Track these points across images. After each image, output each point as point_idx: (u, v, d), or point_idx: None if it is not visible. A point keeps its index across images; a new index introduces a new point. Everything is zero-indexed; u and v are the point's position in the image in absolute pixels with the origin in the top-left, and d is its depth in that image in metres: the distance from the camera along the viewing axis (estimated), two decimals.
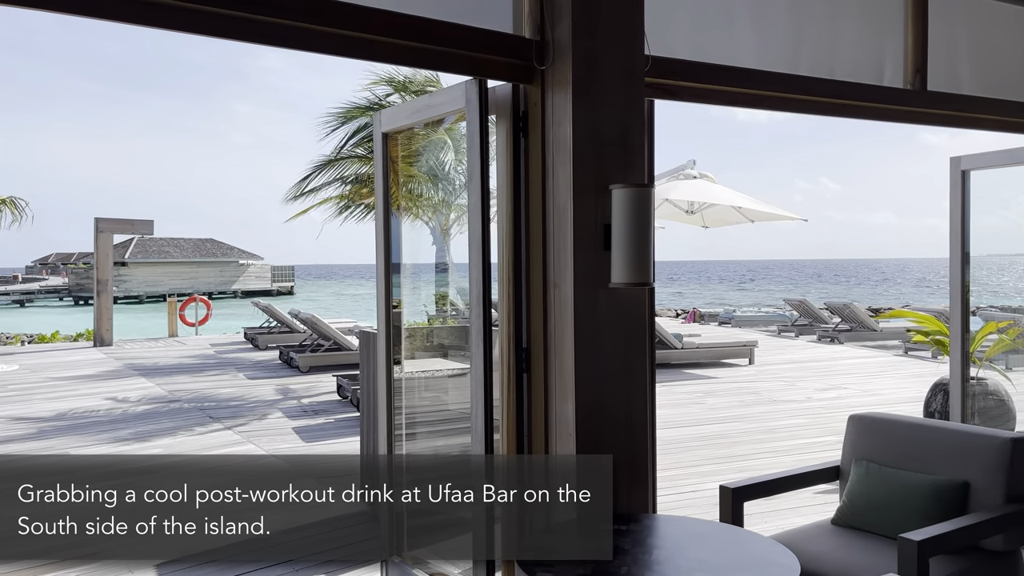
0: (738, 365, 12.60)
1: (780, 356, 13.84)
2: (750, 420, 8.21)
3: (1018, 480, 3.13)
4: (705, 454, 6.82)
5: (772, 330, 19.27)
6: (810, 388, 10.30)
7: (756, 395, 9.78)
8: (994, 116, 4.73)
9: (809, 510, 4.93)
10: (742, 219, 14.99)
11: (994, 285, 14.92)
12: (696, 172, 13.34)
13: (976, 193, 6.68)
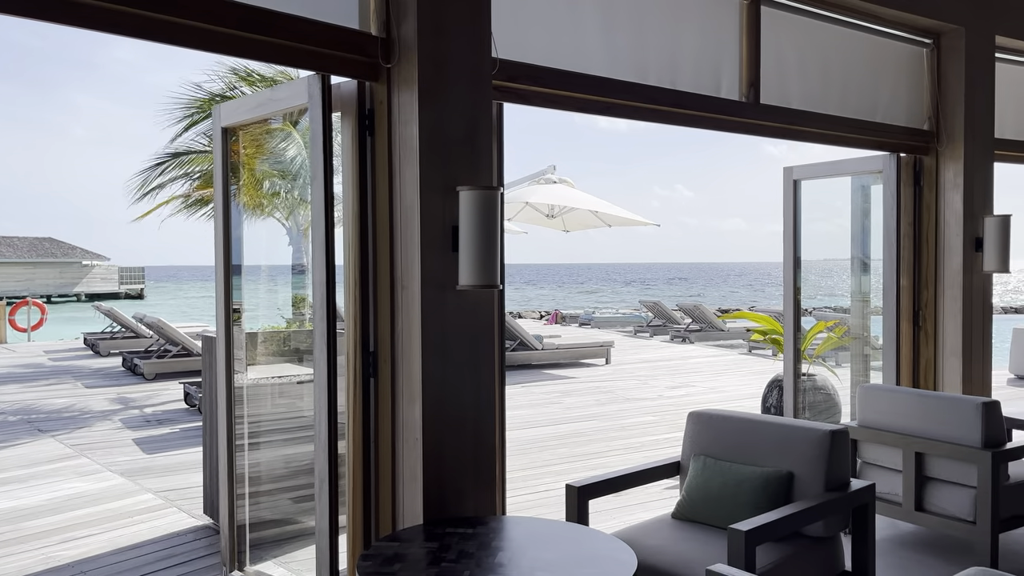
0: (595, 365, 12.95)
1: (635, 356, 14.34)
2: (604, 418, 8.44)
3: (836, 470, 3.36)
4: (560, 453, 6.94)
5: (629, 331, 19.97)
6: (661, 386, 10.73)
7: (611, 394, 10.08)
8: (820, 129, 5.08)
9: (657, 505, 5.12)
10: (600, 223, 15.45)
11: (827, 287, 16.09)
12: (556, 177, 13.61)
13: (810, 200, 7.14)
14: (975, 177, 5.52)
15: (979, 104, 5.54)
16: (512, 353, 12.38)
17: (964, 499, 4.11)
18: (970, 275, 5.52)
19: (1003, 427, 4.14)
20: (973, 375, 5.56)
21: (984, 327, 5.62)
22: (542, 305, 43.01)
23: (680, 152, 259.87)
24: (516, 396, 9.97)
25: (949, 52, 5.52)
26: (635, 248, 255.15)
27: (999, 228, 5.44)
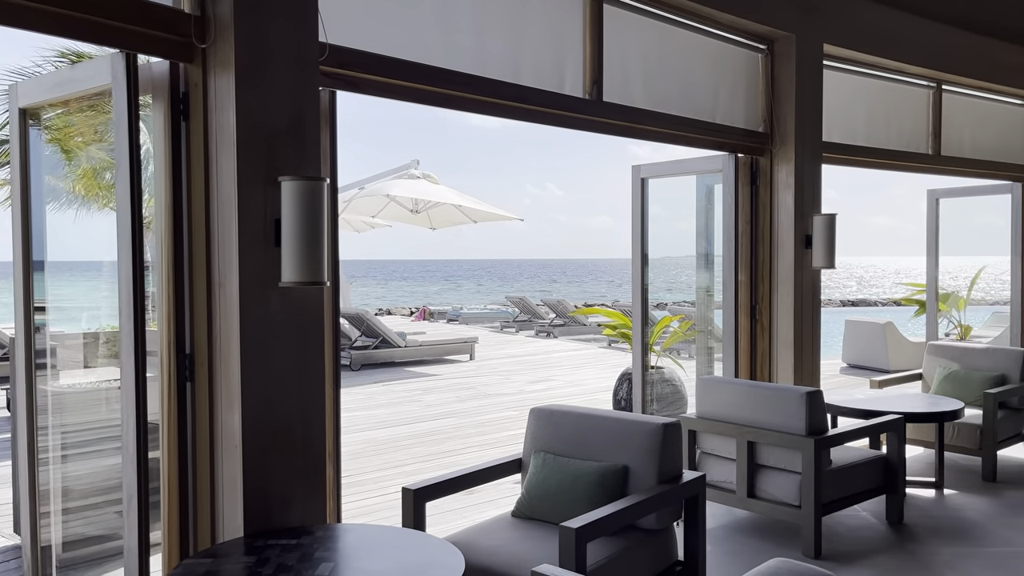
0: (460, 361, 12.90)
1: (499, 351, 14.40)
2: (464, 415, 8.39)
3: (668, 462, 3.42)
4: (416, 452, 6.82)
5: (496, 326, 20.07)
6: (523, 381, 10.80)
7: (473, 390, 10.05)
8: (662, 129, 5.19)
9: (507, 502, 5.09)
10: (466, 219, 15.40)
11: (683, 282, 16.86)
12: (419, 172, 13.44)
13: (667, 198, 7.31)
14: (805, 177, 5.82)
15: (808, 108, 5.84)
16: (374, 351, 12.13)
17: (791, 485, 4.31)
18: (801, 271, 5.82)
19: (825, 415, 4.37)
20: (804, 365, 5.87)
21: (814, 320, 5.93)
22: (413, 301, 42.65)
23: (551, 152, 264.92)
24: (376, 395, 9.77)
25: (781, 58, 5.79)
26: (507, 245, 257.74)
27: (826, 226, 5.76)
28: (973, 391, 5.98)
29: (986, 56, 7.15)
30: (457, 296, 53.15)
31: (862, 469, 4.59)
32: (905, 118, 7.00)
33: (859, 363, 11.66)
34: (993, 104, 7.71)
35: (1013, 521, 4.72)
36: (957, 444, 5.70)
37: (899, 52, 6.47)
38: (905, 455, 4.95)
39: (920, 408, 5.26)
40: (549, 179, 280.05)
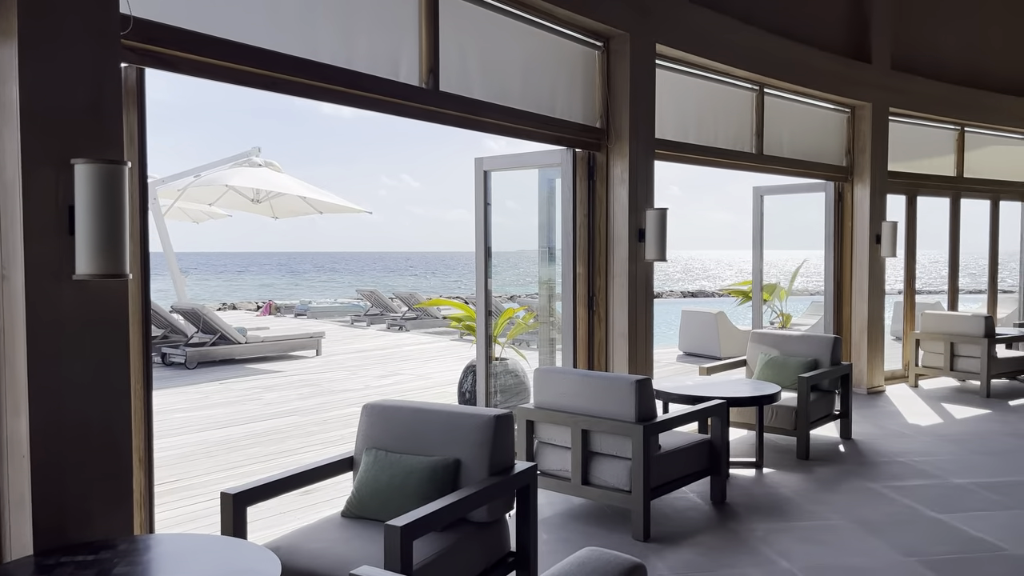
0: (305, 357, 12.50)
1: (348, 346, 14.08)
2: (306, 413, 8.11)
3: (500, 454, 3.41)
4: (253, 453, 6.52)
5: (346, 320, 19.63)
6: (371, 376, 10.60)
7: (317, 387, 9.75)
8: (501, 121, 5.20)
9: (342, 503, 4.94)
10: (311, 210, 14.93)
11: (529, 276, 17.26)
12: (261, 160, 12.88)
13: (515, 192, 7.36)
14: (639, 173, 6.01)
15: (642, 106, 6.03)
16: (212, 348, 11.53)
17: (623, 470, 4.44)
18: (635, 263, 6.02)
19: (654, 402, 4.52)
20: (638, 354, 6.08)
21: (647, 311, 6.16)
22: (259, 295, 41.01)
23: (406, 143, 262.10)
24: (212, 394, 9.27)
25: (617, 56, 5.95)
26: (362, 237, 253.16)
27: (657, 220, 5.99)
28: (790, 375, 6.41)
29: (803, 62, 7.68)
30: (306, 290, 51.65)
31: (689, 453, 4.80)
32: (732, 118, 7.40)
33: (694, 351, 12.28)
34: (809, 108, 8.29)
35: (822, 496, 5.09)
36: (776, 425, 6.09)
37: (726, 55, 6.82)
38: (728, 438, 5.23)
39: (742, 393, 5.57)
40: (405, 171, 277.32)
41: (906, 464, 5.80)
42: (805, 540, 4.31)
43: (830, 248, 8.78)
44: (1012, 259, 11.18)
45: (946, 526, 4.51)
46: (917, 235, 9.47)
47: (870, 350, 8.61)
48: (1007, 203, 10.47)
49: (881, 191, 8.65)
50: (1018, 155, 10.52)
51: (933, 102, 9.08)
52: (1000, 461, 5.87)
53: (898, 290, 10.15)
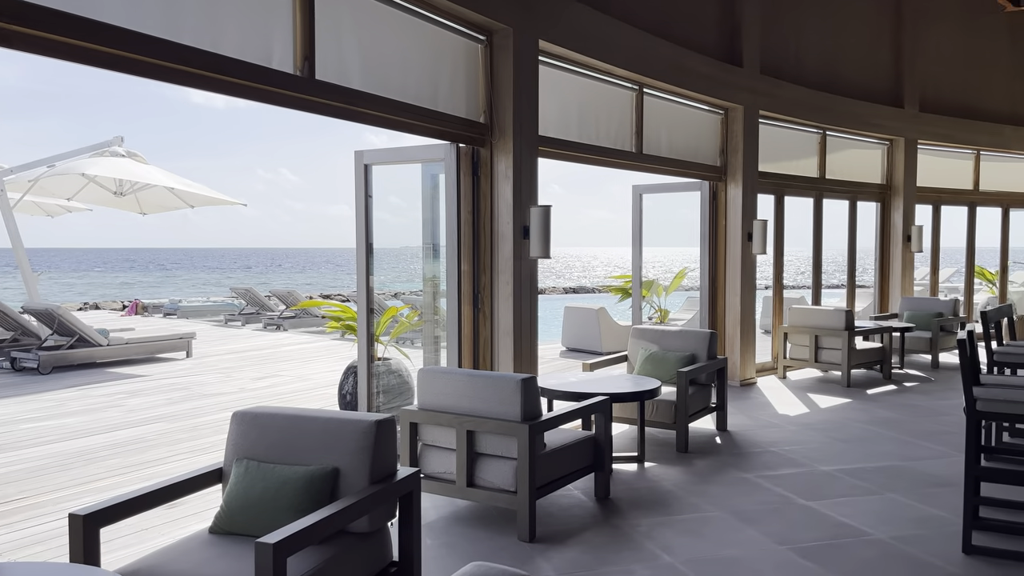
0: (175, 359, 11.82)
1: (221, 347, 13.44)
2: (174, 419, 7.64)
3: (381, 461, 3.26)
4: (113, 464, 6.05)
5: (219, 320, 18.76)
6: (246, 378, 10.13)
7: (187, 391, 9.21)
8: (381, 113, 5.02)
9: (212, 516, 4.65)
10: (180, 203, 14.15)
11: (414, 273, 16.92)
12: (123, 150, 12.08)
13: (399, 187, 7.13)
14: (523, 169, 5.97)
15: (526, 102, 5.99)
16: (69, 351, 10.70)
17: (508, 471, 4.37)
18: (519, 260, 5.97)
19: (539, 400, 4.48)
20: (523, 352, 6.04)
21: (531, 308, 6.13)
22: (125, 295, 38.69)
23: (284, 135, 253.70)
24: (69, 401, 8.59)
25: (500, 50, 5.88)
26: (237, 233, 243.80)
27: (542, 217, 5.97)
28: (669, 370, 6.55)
29: (680, 64, 7.87)
30: (176, 288, 49.14)
31: (574, 450, 4.79)
32: (613, 117, 7.49)
33: (577, 346, 12.44)
34: (685, 109, 8.52)
35: (701, 488, 5.20)
36: (656, 420, 6.20)
37: (607, 54, 6.88)
38: (612, 433, 5.27)
39: (624, 389, 5.63)
40: (283, 164, 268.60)
41: (777, 454, 6.04)
42: (686, 533, 4.38)
43: (705, 245, 9.07)
44: (868, 256, 11.92)
45: (815, 513, 4.70)
46: (785, 233, 9.93)
47: (743, 344, 8.95)
48: (863, 203, 11.15)
49: (752, 190, 9.00)
50: (872, 158, 11.22)
51: (798, 106, 9.53)
52: (861, 448, 6.20)
53: (766, 285, 10.62)
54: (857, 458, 5.90)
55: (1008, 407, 3.97)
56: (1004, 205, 12.81)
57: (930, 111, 11.40)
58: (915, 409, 7.64)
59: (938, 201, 12.01)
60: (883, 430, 6.78)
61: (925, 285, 12.90)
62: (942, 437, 6.51)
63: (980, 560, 3.97)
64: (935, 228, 12.09)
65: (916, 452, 6.06)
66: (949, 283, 19.49)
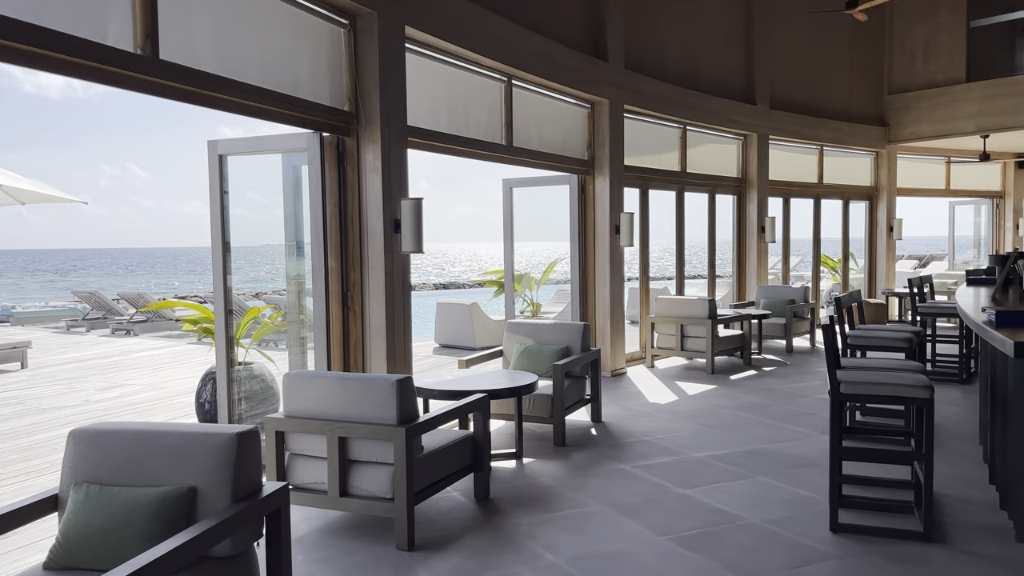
0: (8, 371, 10.73)
1: (62, 355, 12.34)
2: (5, 438, 6.87)
3: (244, 477, 2.97)
4: None
5: (60, 326, 17.29)
6: (91, 389, 9.31)
7: (21, 405, 8.35)
8: (235, 98, 4.66)
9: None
10: (11, 200, 12.86)
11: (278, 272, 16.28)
12: None
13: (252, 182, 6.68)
14: (392, 160, 5.73)
15: (393, 90, 5.76)
16: None
17: (384, 477, 4.15)
18: (391, 256, 5.74)
19: (415, 402, 4.28)
20: (397, 351, 5.82)
21: (405, 305, 5.91)
22: None
23: (129, 128, 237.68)
24: None
25: (365, 35, 5.61)
26: (79, 233, 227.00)
27: (413, 210, 5.75)
28: (544, 363, 6.50)
29: (548, 57, 7.84)
30: (9, 293, 45.09)
31: (452, 451, 4.62)
32: (482, 109, 7.36)
33: (450, 343, 12.28)
34: (554, 102, 8.52)
35: (580, 482, 5.17)
36: (533, 414, 6.13)
37: (476, 44, 6.74)
38: (490, 431, 5.14)
39: (502, 384, 5.52)
40: (130, 158, 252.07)
41: (651, 443, 6.11)
42: (568, 529, 4.32)
43: (575, 239, 9.13)
44: (726, 247, 12.42)
45: (692, 501, 4.76)
46: (650, 225, 10.16)
47: (613, 334, 9.07)
48: (721, 196, 11.60)
49: (619, 184, 9.13)
50: (729, 153, 11.70)
51: (660, 101, 9.76)
52: (729, 433, 6.39)
53: (633, 277, 10.84)
54: (727, 443, 6.06)
55: (868, 388, 4.14)
56: (844, 198, 13.70)
57: (779, 108, 12.00)
58: (775, 393, 7.98)
59: (788, 194, 12.68)
60: (748, 414, 7.03)
61: (777, 273, 13.61)
62: (802, 419, 6.82)
63: (847, 537, 4.12)
64: (785, 219, 12.76)
65: (780, 435, 6.30)
66: (797, 271, 20.75)
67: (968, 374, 8.46)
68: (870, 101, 13.54)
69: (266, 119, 4.96)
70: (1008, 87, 12.24)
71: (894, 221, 13.91)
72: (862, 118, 13.40)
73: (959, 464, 5.39)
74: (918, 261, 26.99)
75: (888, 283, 14.01)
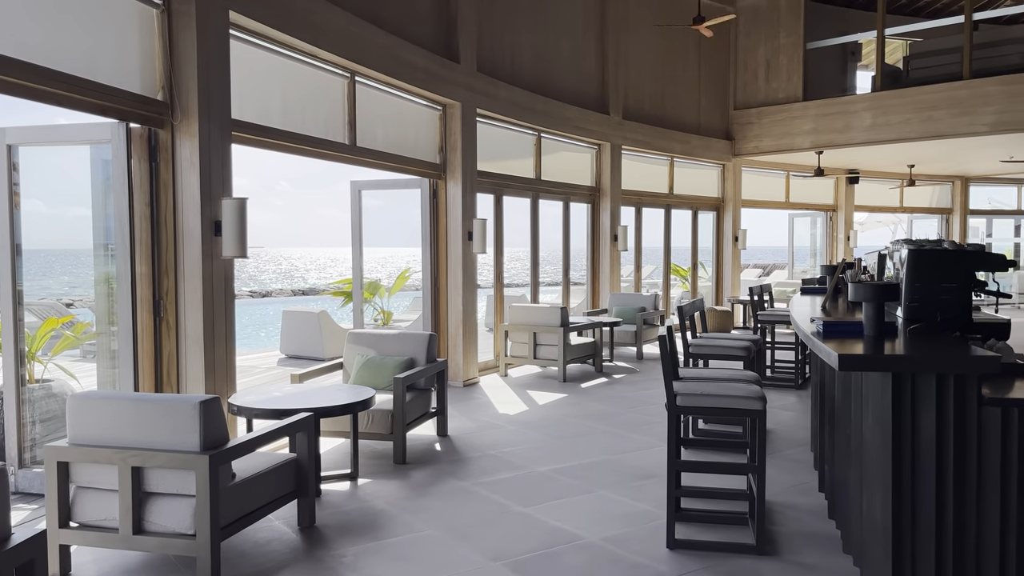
0: None
1: None
2: None
3: None
4: None
5: None
6: None
7: None
8: (15, 79, 4.05)
9: None
10: None
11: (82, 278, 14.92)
12: None
13: (47, 178, 5.97)
14: (213, 157, 5.23)
15: (216, 80, 5.26)
16: None
17: (185, 511, 3.68)
18: (211, 261, 5.23)
19: (224, 425, 3.84)
20: (217, 365, 5.30)
21: (227, 315, 5.40)
22: None
23: None
24: None
25: (181, 18, 5.08)
26: None
27: (236, 211, 5.27)
28: (387, 376, 6.15)
29: (395, 54, 7.50)
30: None
31: (271, 476, 4.20)
32: (322, 106, 6.93)
33: (297, 354, 11.66)
34: (404, 102, 8.19)
35: (417, 503, 4.86)
36: (372, 431, 5.77)
37: (312, 35, 6.31)
38: (319, 452, 4.75)
39: (335, 401, 5.12)
40: None
41: (496, 457, 5.89)
42: (396, 559, 4.00)
43: (427, 245, 8.83)
44: (581, 255, 12.49)
45: (531, 520, 4.55)
46: (504, 232, 10.01)
47: (465, 343, 8.83)
48: (576, 204, 11.64)
49: (472, 189, 8.91)
50: (583, 161, 11.76)
51: (514, 107, 9.63)
52: (576, 444, 6.27)
53: (488, 284, 10.66)
54: (572, 455, 5.93)
55: (704, 400, 4.07)
56: (694, 208, 14.14)
57: (632, 119, 12.20)
58: (623, 400, 7.98)
59: (640, 203, 12.92)
60: (596, 423, 6.95)
61: (630, 281, 13.84)
62: (648, 427, 6.81)
63: (683, 554, 4.02)
64: (638, 228, 12.99)
65: (625, 444, 6.24)
66: (650, 279, 21.35)
67: (803, 379, 8.80)
68: (717, 115, 14.04)
69: (55, 104, 4.36)
70: (840, 106, 13.00)
71: (739, 231, 14.48)
72: (710, 131, 13.87)
73: (792, 471, 5.48)
74: (762, 270, 28.53)
75: (734, 291, 14.56)
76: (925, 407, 3.02)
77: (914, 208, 18.01)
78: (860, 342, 3.32)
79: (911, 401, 3.03)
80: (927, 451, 3.03)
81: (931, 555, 3.02)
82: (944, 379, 2.99)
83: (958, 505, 3.00)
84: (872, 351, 3.14)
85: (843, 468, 4.05)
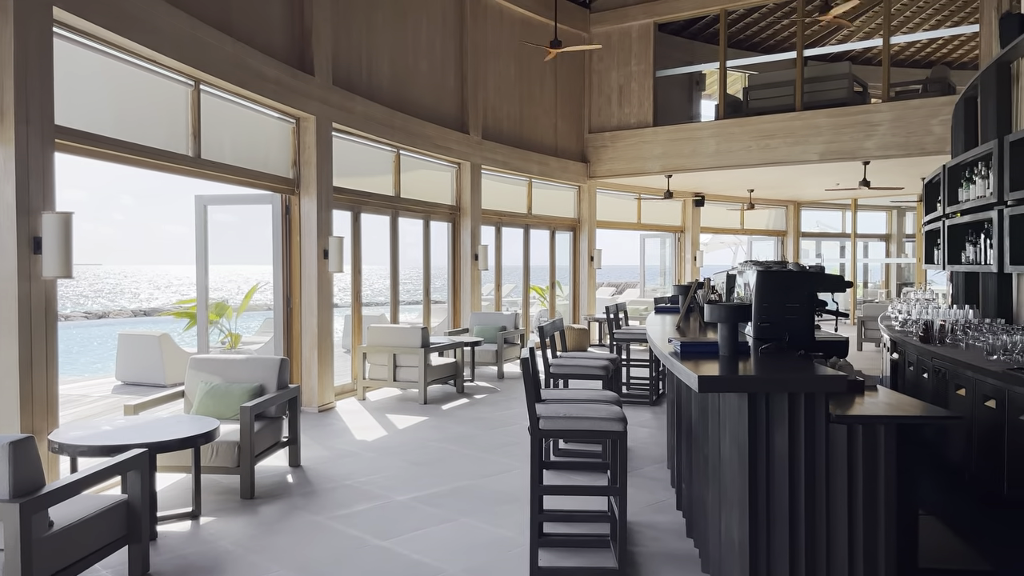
0: None
1: None
2: None
3: None
4: None
5: None
6: None
7: None
8: None
9: None
10: None
11: None
12: None
13: None
14: (32, 166, 4.71)
15: (36, 82, 4.74)
16: None
17: None
18: (28, 281, 4.69)
19: (39, 468, 3.40)
20: (35, 397, 4.75)
21: (48, 340, 4.86)
22: None
23: None
24: None
25: None
26: None
27: (61, 227, 4.76)
28: (233, 405, 5.75)
29: (243, 63, 7.12)
30: None
31: (97, 523, 3.76)
32: (163, 115, 6.46)
33: (135, 380, 10.80)
34: (254, 114, 7.79)
35: (265, 542, 4.53)
36: (217, 464, 5.35)
37: (150, 39, 5.86)
38: (155, 491, 4.33)
39: (174, 434, 4.70)
40: None
41: (352, 487, 5.62)
42: None
43: (279, 263, 8.42)
44: (442, 274, 12.37)
45: (389, 554, 4.33)
46: (362, 250, 9.72)
47: (320, 366, 8.46)
48: (436, 223, 11.51)
49: (328, 206, 8.59)
50: (444, 180, 11.67)
51: (371, 122, 9.40)
52: (436, 471, 6.09)
53: (346, 304, 10.32)
54: (433, 482, 5.75)
55: (567, 423, 4.03)
56: (551, 228, 14.36)
57: (492, 139, 12.24)
58: (485, 422, 7.89)
59: (499, 223, 12.96)
60: (457, 447, 6.81)
61: (491, 300, 13.85)
62: (509, 449, 6.74)
63: None
64: (498, 248, 13.02)
65: (487, 468, 6.13)
66: (510, 297, 21.53)
67: (657, 395, 9.05)
68: (574, 138, 14.36)
69: None
70: (687, 132, 13.62)
71: (595, 251, 14.84)
72: (567, 153, 14.16)
73: (650, 488, 5.56)
74: (615, 288, 29.48)
75: (590, 309, 14.89)
76: (779, 426, 3.09)
77: (753, 230, 19.16)
78: (717, 362, 3.37)
79: (766, 420, 3.10)
80: (780, 469, 3.10)
81: (785, 571, 3.09)
82: (795, 398, 3.07)
83: (809, 521, 3.08)
84: (729, 372, 3.19)
85: (701, 487, 4.12)
